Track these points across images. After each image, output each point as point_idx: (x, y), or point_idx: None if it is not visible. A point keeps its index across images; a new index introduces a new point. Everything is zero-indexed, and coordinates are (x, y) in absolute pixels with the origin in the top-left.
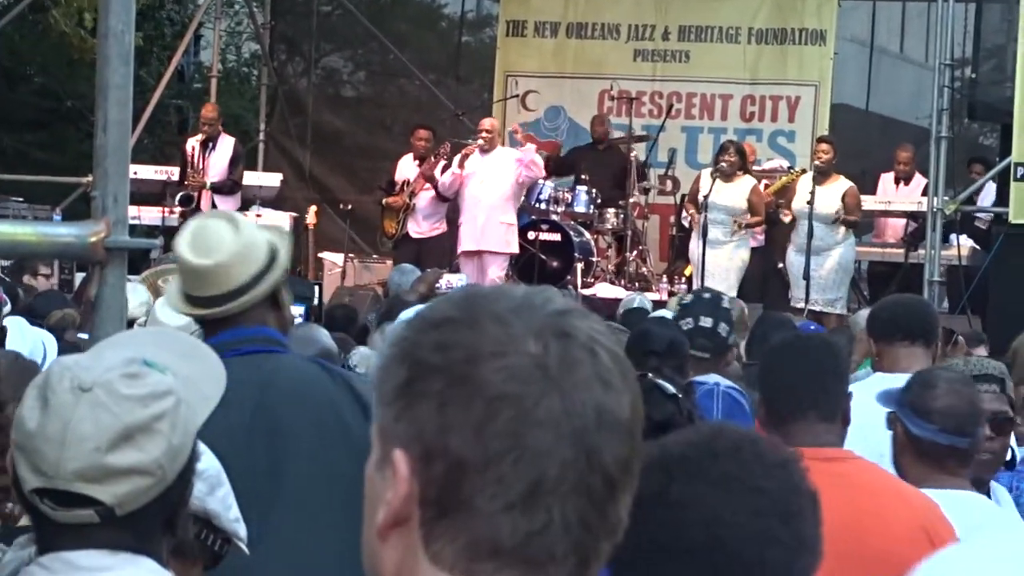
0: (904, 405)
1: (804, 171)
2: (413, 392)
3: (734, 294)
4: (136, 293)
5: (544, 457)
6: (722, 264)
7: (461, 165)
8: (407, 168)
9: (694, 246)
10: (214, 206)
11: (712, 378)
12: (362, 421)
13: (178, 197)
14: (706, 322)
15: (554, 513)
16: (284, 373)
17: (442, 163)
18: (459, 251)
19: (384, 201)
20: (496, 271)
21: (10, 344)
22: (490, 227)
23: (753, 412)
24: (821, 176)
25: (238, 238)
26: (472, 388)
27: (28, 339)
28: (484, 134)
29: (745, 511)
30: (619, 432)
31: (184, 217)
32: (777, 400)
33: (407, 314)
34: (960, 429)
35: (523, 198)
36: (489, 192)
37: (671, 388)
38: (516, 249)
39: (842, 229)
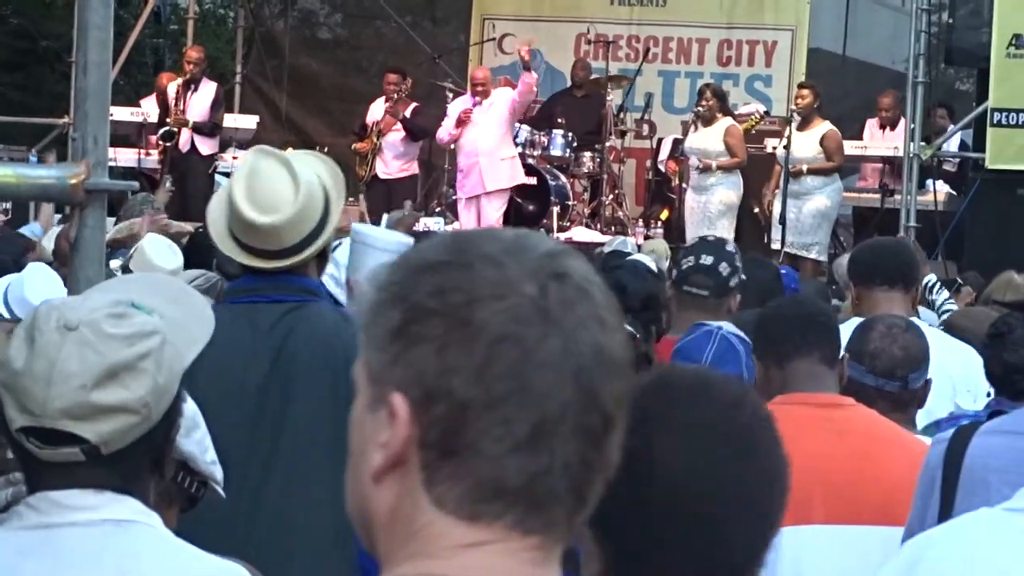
0: (846, 348)
1: (767, 113)
2: (410, 335)
3: (727, 237)
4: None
5: (546, 397)
6: (710, 208)
7: (458, 125)
8: (378, 111)
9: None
10: (193, 146)
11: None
12: None
13: (160, 132)
14: (707, 260)
15: (556, 452)
16: (311, 322)
17: (412, 105)
18: (461, 197)
19: (352, 146)
20: (494, 212)
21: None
22: (492, 169)
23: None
24: (803, 121)
25: (298, 192)
26: (473, 331)
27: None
28: (479, 88)
29: (703, 456)
30: (615, 370)
31: (164, 154)
32: (780, 339)
33: (341, 251)
34: (888, 372)
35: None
36: (486, 136)
37: (630, 328)
38: (523, 178)
39: (810, 177)
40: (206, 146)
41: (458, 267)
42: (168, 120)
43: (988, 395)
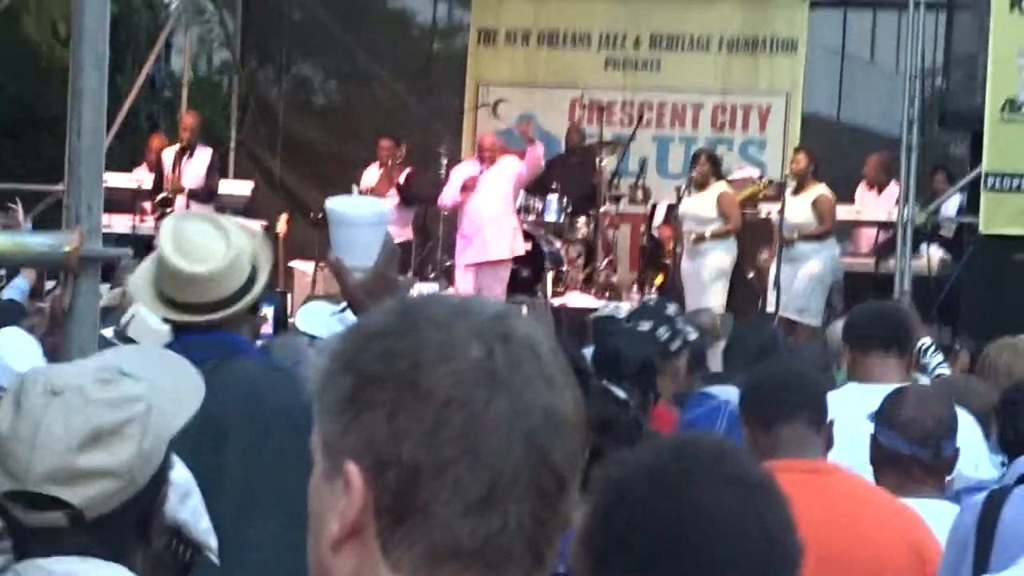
0: (876, 416)
1: (772, 181)
2: (360, 402)
3: (720, 301)
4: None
5: (497, 459)
6: (703, 273)
7: (463, 191)
8: (372, 177)
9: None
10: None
11: (725, 392)
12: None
13: (158, 198)
14: (644, 326)
15: (510, 513)
16: (240, 377)
17: (406, 170)
18: (462, 264)
19: None
20: (499, 284)
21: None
22: (496, 237)
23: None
24: (797, 185)
25: (228, 245)
26: (421, 395)
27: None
28: (487, 154)
29: (745, 504)
30: (566, 429)
31: (159, 220)
32: (765, 403)
33: (305, 316)
34: (922, 440)
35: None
36: (491, 204)
37: (622, 394)
38: (522, 250)
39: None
40: (202, 211)
41: (405, 332)
42: (164, 186)
43: (1003, 463)
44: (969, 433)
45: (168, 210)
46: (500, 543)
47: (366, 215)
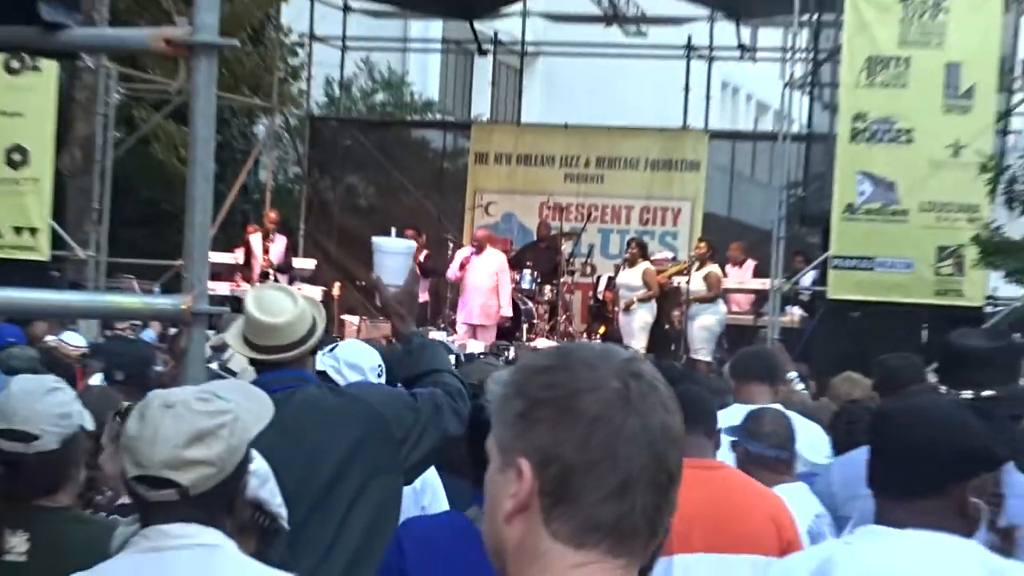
0: (744, 433)
1: (689, 263)
2: (530, 418)
3: (644, 345)
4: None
5: (629, 462)
6: (633, 325)
7: (462, 268)
8: None
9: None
10: (275, 280)
11: None
12: (364, 422)
13: (258, 273)
14: None
15: (636, 501)
16: (306, 398)
17: (425, 252)
18: (461, 321)
19: None
20: (486, 339)
21: None
22: (480, 309)
23: None
24: (699, 264)
25: (295, 307)
26: (576, 414)
27: None
28: (475, 243)
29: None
30: (676, 442)
31: (252, 286)
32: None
33: (341, 349)
34: (781, 445)
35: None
36: (480, 280)
37: None
38: (496, 321)
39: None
40: (282, 280)
41: (563, 368)
42: (251, 263)
43: (828, 457)
44: (819, 437)
45: (269, 279)
46: (629, 522)
47: (398, 248)
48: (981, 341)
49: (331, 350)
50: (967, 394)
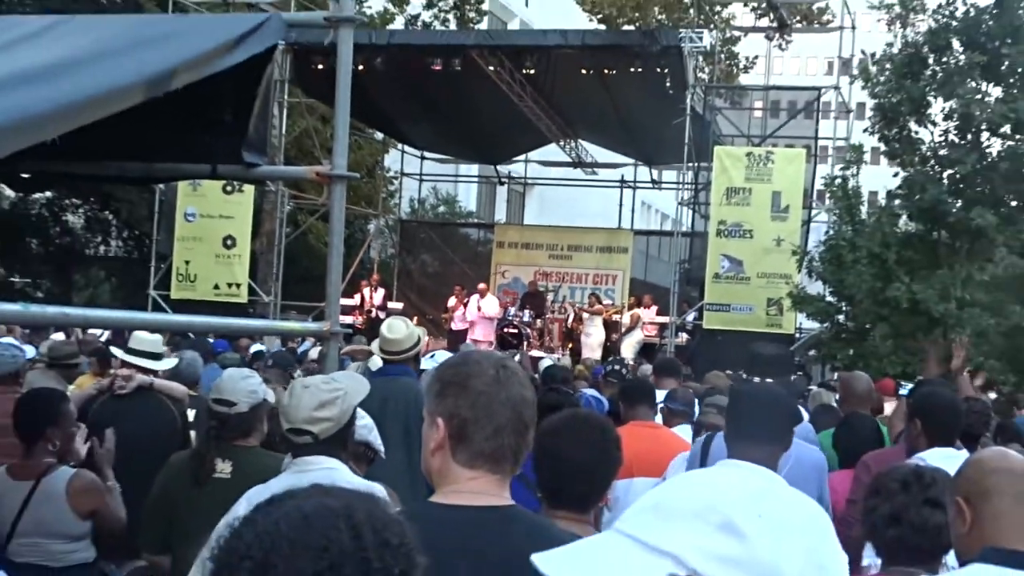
0: (666, 400)
1: (622, 307)
2: (443, 393)
3: (597, 356)
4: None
5: (500, 417)
6: (592, 342)
7: (479, 309)
8: (451, 302)
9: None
10: (377, 316)
11: (590, 392)
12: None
13: (367, 311)
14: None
15: (505, 439)
16: (401, 383)
17: (463, 302)
18: (471, 339)
19: (442, 316)
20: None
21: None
22: (483, 334)
23: (610, 405)
24: (629, 308)
25: (407, 329)
26: (469, 389)
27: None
28: (477, 293)
29: (585, 449)
30: (529, 405)
31: (372, 321)
32: (632, 397)
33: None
34: (686, 405)
35: (502, 314)
36: (485, 317)
37: (568, 392)
38: (493, 339)
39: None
40: (382, 316)
41: (463, 364)
42: (364, 305)
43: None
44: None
45: (373, 315)
46: (500, 452)
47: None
48: (770, 349)
49: (431, 356)
50: (767, 381)
